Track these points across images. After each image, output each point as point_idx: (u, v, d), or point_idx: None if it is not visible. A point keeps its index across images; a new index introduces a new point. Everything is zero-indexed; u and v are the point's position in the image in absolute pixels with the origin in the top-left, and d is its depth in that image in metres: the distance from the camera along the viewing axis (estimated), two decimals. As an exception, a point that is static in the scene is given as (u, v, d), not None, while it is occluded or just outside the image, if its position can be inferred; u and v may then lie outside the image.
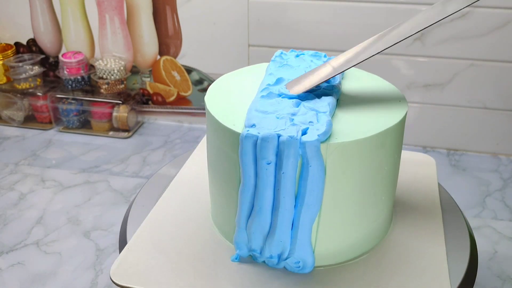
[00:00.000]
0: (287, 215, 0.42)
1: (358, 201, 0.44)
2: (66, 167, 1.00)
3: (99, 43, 1.16)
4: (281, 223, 0.42)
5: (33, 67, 1.15)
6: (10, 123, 1.18)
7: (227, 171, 0.45)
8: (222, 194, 0.48)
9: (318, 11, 0.99)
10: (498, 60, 0.96)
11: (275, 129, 0.40)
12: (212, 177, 0.50)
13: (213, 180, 0.50)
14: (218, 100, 0.48)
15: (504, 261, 0.75)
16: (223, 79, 0.54)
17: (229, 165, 0.44)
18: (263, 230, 0.43)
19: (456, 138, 1.06)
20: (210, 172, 0.50)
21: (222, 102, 0.48)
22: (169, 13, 1.09)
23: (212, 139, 0.47)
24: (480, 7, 0.92)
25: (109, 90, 1.12)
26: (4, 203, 0.88)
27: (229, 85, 0.52)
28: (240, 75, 0.55)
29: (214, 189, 0.50)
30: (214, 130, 0.46)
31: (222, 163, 0.46)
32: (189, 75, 1.15)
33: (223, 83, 0.53)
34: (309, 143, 0.39)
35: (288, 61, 0.54)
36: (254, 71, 0.55)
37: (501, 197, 0.91)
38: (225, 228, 0.49)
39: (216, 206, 0.51)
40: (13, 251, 0.77)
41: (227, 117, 0.44)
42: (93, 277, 0.72)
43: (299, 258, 0.44)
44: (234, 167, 0.43)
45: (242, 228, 0.44)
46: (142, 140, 1.12)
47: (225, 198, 0.47)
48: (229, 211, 0.46)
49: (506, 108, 1.00)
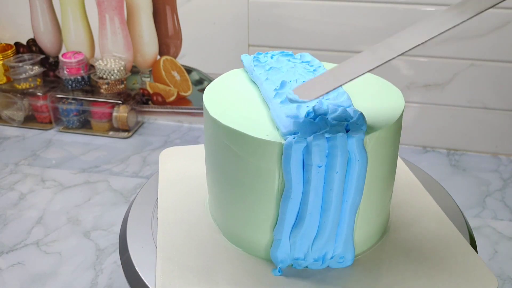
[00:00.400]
0: (336, 214, 0.42)
1: (383, 188, 0.46)
2: (66, 167, 1.00)
3: (99, 43, 1.16)
4: (330, 224, 0.42)
5: (33, 67, 1.15)
6: (10, 123, 1.18)
7: (248, 179, 0.43)
8: (237, 203, 0.46)
9: (318, 11, 0.99)
10: (498, 60, 0.96)
11: (319, 131, 0.40)
12: (227, 188, 0.47)
13: (229, 190, 0.47)
14: (223, 107, 0.47)
15: (504, 261, 0.75)
16: (217, 83, 0.52)
17: (250, 174, 0.43)
18: (310, 235, 0.43)
19: (456, 138, 1.06)
20: (223, 183, 0.47)
21: (227, 108, 0.46)
22: (169, 13, 1.09)
23: (219, 145, 0.45)
24: (480, 7, 0.92)
25: (109, 90, 1.12)
26: (4, 203, 0.88)
27: (225, 90, 0.51)
28: (230, 80, 0.54)
29: (224, 196, 0.48)
30: (229, 139, 0.43)
31: (242, 173, 0.44)
32: (189, 75, 1.15)
33: (219, 88, 0.52)
34: (357, 138, 0.39)
35: (269, 64, 0.52)
36: (241, 75, 0.55)
37: (501, 197, 0.91)
38: (237, 234, 0.48)
39: (225, 212, 0.49)
40: (13, 251, 0.77)
41: (249, 127, 0.42)
42: (93, 277, 0.72)
43: (342, 253, 0.44)
44: (257, 174, 0.42)
45: (284, 239, 0.43)
46: (142, 140, 1.12)
47: (244, 206, 0.46)
48: (245, 217, 0.46)
49: (506, 108, 1.00)
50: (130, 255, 0.49)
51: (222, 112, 0.45)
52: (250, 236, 0.46)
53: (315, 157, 0.39)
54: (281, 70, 0.50)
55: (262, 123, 0.43)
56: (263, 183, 0.43)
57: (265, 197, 0.43)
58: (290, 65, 0.52)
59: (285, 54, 0.55)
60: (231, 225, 0.48)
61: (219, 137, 0.44)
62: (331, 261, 0.45)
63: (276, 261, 0.44)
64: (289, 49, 1.05)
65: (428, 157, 1.05)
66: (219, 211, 0.49)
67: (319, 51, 1.02)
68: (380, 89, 0.52)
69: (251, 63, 0.53)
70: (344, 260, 0.45)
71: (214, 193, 0.49)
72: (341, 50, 1.01)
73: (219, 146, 0.45)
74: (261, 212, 0.44)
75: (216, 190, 0.49)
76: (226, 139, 0.43)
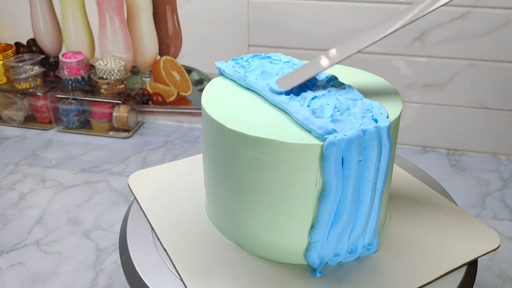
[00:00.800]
0: (370, 204, 0.43)
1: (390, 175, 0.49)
2: (66, 167, 1.00)
3: (99, 43, 1.16)
4: (365, 215, 0.43)
5: (33, 67, 1.15)
6: (10, 123, 1.18)
7: (281, 188, 0.43)
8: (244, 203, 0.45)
9: (318, 11, 0.99)
10: (498, 60, 0.96)
11: (354, 126, 0.40)
12: (251, 200, 0.45)
13: (232, 190, 0.46)
14: (236, 119, 0.44)
15: (504, 261, 0.75)
16: (209, 95, 0.50)
17: (284, 181, 0.42)
18: (347, 230, 0.43)
19: (456, 138, 1.06)
20: (244, 195, 0.46)
21: (240, 120, 0.44)
22: (169, 13, 1.09)
23: (240, 158, 0.43)
24: (480, 7, 0.92)
25: (109, 90, 1.12)
26: (4, 203, 0.88)
27: (222, 101, 0.49)
28: (219, 90, 0.52)
29: (227, 196, 0.47)
30: (258, 150, 0.42)
31: (250, 174, 0.43)
32: (189, 75, 1.15)
33: (216, 91, 0.50)
34: (387, 127, 0.41)
35: (257, 68, 0.51)
36: (225, 82, 0.54)
37: (501, 197, 0.91)
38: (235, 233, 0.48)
39: (225, 211, 0.48)
40: (13, 251, 0.77)
41: (277, 134, 0.41)
42: (93, 277, 0.72)
43: (369, 240, 0.46)
44: (268, 175, 0.42)
45: (322, 239, 0.43)
46: (142, 140, 1.12)
47: (252, 208, 0.45)
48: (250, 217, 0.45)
49: (506, 108, 1.00)
50: (130, 255, 0.49)
51: (240, 123, 0.43)
52: (281, 243, 0.45)
53: (356, 152, 0.40)
54: (272, 73, 0.50)
55: (283, 128, 0.42)
56: (299, 188, 0.42)
57: (301, 202, 0.43)
58: (277, 67, 0.51)
59: (261, 57, 0.54)
60: (256, 235, 0.46)
61: (239, 149, 0.42)
62: (362, 250, 0.46)
63: (314, 263, 0.44)
64: (289, 49, 1.05)
65: (428, 157, 1.05)
66: (235, 222, 0.47)
67: (319, 51, 1.02)
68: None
69: (237, 70, 0.52)
70: (372, 246, 0.46)
71: (226, 205, 0.47)
72: (341, 50, 1.01)
73: (239, 159, 0.43)
74: (297, 218, 0.44)
75: (232, 202, 0.46)
76: (254, 150, 0.41)
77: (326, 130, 0.40)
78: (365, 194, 0.42)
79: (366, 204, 0.43)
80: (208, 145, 0.47)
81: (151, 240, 0.51)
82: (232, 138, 0.42)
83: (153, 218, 0.52)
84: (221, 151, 0.45)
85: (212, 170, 0.48)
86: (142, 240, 0.50)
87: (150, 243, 0.50)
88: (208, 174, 0.50)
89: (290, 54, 1.04)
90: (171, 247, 0.48)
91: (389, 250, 0.47)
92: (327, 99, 0.44)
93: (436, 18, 0.94)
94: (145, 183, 0.58)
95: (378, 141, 0.40)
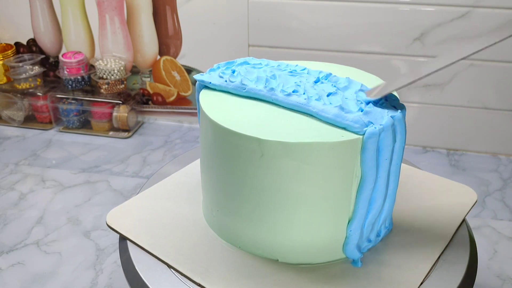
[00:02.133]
0: (395, 186, 0.45)
1: None
2: (66, 167, 1.00)
3: (99, 43, 1.16)
4: (391, 197, 0.45)
5: (33, 67, 1.15)
6: (10, 123, 1.18)
7: (318, 188, 0.42)
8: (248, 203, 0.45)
9: (318, 11, 0.99)
10: (498, 60, 0.96)
11: (384, 115, 0.42)
12: (281, 207, 0.44)
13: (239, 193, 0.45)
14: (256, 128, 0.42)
15: (504, 261, 0.75)
16: (209, 104, 0.48)
17: (322, 181, 0.42)
18: (376, 215, 0.45)
19: (456, 138, 1.06)
20: (271, 202, 0.44)
21: (261, 129, 0.42)
22: (169, 13, 1.09)
23: (267, 166, 0.42)
24: (480, 7, 0.92)
25: (109, 90, 1.12)
26: (4, 203, 0.88)
27: (227, 108, 0.47)
28: (216, 102, 0.49)
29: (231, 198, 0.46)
30: (283, 153, 0.41)
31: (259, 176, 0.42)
32: (189, 75, 1.15)
33: (218, 107, 0.47)
34: (404, 112, 0.44)
35: (248, 75, 0.50)
36: (215, 95, 0.52)
37: (501, 197, 0.91)
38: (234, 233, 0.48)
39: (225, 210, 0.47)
40: (13, 251, 0.77)
41: (315, 136, 0.41)
42: (93, 277, 0.72)
43: (388, 221, 0.48)
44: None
45: (361, 229, 0.44)
46: (142, 140, 1.12)
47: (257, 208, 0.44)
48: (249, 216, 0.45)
49: (506, 108, 1.00)
50: (130, 255, 0.49)
51: (273, 133, 0.41)
52: (319, 244, 0.45)
53: (390, 138, 0.41)
54: (268, 76, 0.49)
55: (314, 129, 0.42)
56: (339, 185, 0.42)
57: (341, 198, 0.43)
58: (267, 70, 0.51)
59: (239, 63, 0.53)
60: (293, 244, 0.45)
61: (277, 160, 0.41)
62: (384, 231, 0.48)
63: (354, 254, 0.45)
64: (289, 49, 1.05)
65: (428, 157, 1.05)
66: (270, 236, 0.45)
67: (319, 51, 1.02)
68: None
69: (229, 79, 0.49)
70: (389, 224, 0.49)
71: (256, 219, 0.45)
72: (341, 50, 1.01)
73: (277, 169, 0.41)
74: (336, 215, 0.44)
75: (264, 215, 0.45)
76: (296, 157, 0.40)
77: (362, 123, 0.41)
78: (394, 177, 0.44)
79: (394, 186, 0.45)
80: (224, 163, 0.44)
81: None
82: (269, 149, 0.41)
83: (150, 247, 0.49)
84: (251, 166, 0.42)
85: (236, 188, 0.45)
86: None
87: (150, 243, 0.50)
88: (226, 192, 0.46)
89: (290, 54, 1.04)
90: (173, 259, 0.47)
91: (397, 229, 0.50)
92: (342, 94, 0.45)
93: (436, 18, 0.94)
94: (126, 218, 0.54)
95: (401, 125, 0.43)
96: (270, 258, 0.47)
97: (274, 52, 1.05)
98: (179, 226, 0.51)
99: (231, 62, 0.53)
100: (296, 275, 0.45)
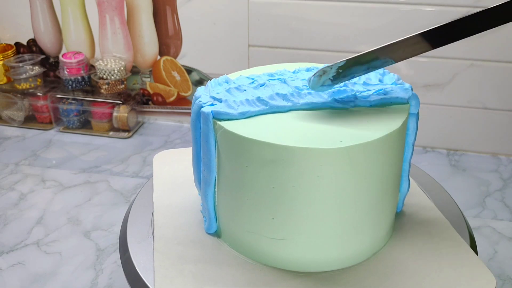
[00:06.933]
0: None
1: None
2: (66, 167, 1.00)
3: (99, 43, 1.16)
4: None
5: (33, 67, 1.15)
6: (10, 123, 1.18)
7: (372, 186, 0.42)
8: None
9: (318, 11, 0.99)
10: (498, 60, 0.96)
11: (408, 88, 0.49)
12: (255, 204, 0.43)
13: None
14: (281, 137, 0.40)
15: (504, 261, 0.75)
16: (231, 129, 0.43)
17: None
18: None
19: (456, 138, 1.06)
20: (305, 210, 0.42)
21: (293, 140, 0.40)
22: (169, 13, 1.09)
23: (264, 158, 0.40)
24: (480, 7, 0.92)
25: (109, 90, 1.12)
26: (4, 203, 0.88)
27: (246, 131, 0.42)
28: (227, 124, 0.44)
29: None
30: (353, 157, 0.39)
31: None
32: (189, 75, 1.15)
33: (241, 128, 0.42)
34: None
35: (261, 92, 0.47)
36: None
37: (501, 197, 0.91)
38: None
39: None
40: (13, 251, 0.77)
41: (358, 138, 0.40)
42: (93, 277, 0.72)
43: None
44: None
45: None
46: (142, 140, 1.12)
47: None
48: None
49: (506, 108, 1.00)
50: (130, 255, 0.49)
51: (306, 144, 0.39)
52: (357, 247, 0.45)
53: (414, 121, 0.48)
54: (279, 87, 0.47)
55: (336, 131, 0.41)
56: (392, 171, 0.46)
57: (389, 193, 0.46)
58: (264, 78, 0.49)
59: (238, 86, 0.48)
60: (327, 251, 0.44)
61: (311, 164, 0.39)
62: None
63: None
64: (289, 49, 1.05)
65: (428, 157, 1.05)
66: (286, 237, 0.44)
67: (319, 51, 1.02)
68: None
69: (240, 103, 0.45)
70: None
71: (280, 231, 0.43)
72: (341, 50, 1.01)
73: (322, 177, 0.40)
74: (384, 212, 0.47)
75: (297, 228, 0.43)
76: (349, 162, 0.39)
77: (408, 92, 0.47)
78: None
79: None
80: (266, 189, 0.42)
81: (151, 240, 0.51)
82: (327, 158, 0.39)
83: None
84: (303, 181, 0.40)
85: (276, 204, 0.42)
86: (142, 240, 0.51)
87: (150, 243, 0.50)
88: (255, 206, 0.44)
89: (290, 54, 1.04)
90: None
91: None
92: (358, 80, 0.49)
93: (436, 18, 0.94)
94: (166, 167, 0.61)
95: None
96: (294, 270, 0.45)
97: (274, 52, 1.05)
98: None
99: (219, 84, 0.48)
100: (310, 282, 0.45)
